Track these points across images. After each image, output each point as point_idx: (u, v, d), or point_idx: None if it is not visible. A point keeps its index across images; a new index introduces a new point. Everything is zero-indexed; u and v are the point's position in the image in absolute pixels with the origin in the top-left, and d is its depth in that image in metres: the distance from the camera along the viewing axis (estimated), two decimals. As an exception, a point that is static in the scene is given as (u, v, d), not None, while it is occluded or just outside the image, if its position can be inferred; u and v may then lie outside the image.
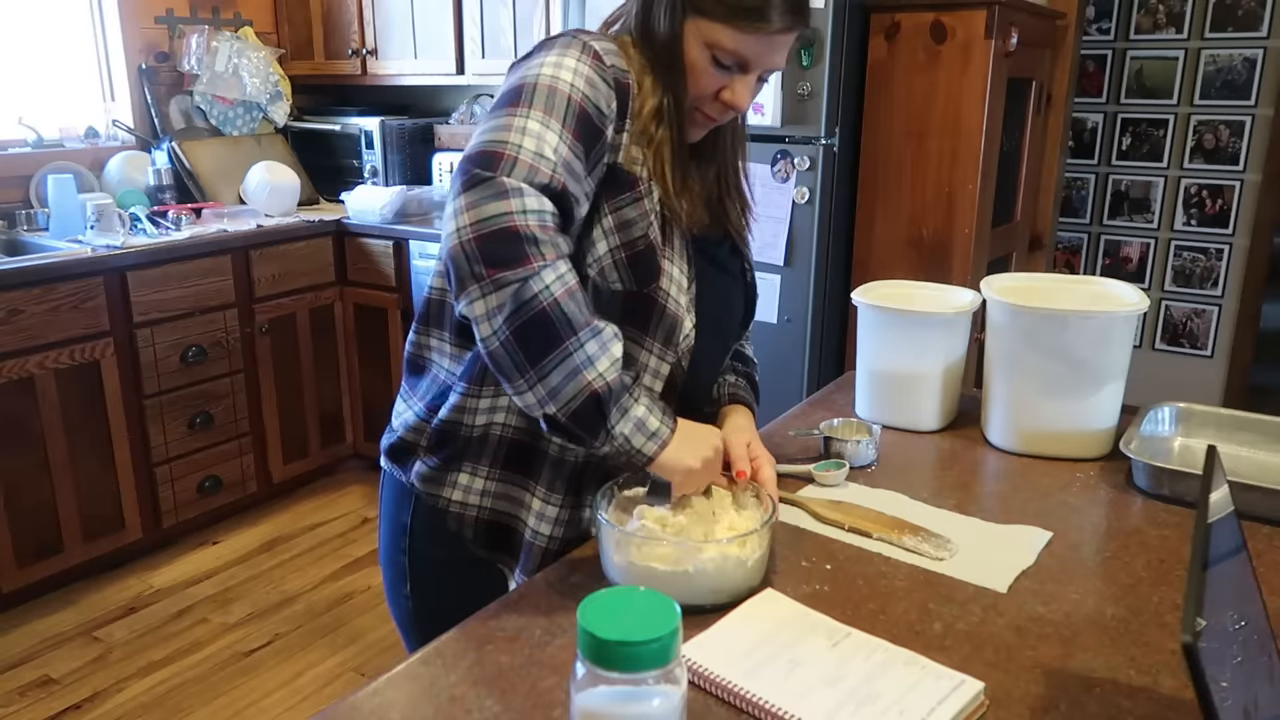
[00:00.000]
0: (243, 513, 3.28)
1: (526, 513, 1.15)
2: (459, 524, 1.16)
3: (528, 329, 0.93)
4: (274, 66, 3.70)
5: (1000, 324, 1.38)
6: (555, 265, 0.93)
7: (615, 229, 1.07)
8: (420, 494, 1.17)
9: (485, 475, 1.15)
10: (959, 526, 1.16)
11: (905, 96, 2.51)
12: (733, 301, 1.27)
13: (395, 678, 0.88)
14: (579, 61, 1.02)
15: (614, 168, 1.07)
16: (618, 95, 1.05)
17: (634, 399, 0.98)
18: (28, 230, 3.02)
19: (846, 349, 2.67)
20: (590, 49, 1.04)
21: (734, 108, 1.11)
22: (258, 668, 2.47)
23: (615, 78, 1.05)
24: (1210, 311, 3.69)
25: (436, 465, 1.15)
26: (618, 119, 1.05)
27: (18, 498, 2.61)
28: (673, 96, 1.09)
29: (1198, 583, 0.64)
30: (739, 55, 1.07)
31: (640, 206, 1.08)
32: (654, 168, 1.09)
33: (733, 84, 1.09)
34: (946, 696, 0.82)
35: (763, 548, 1.00)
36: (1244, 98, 3.47)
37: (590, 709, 0.63)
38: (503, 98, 1.00)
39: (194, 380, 3.00)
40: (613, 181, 1.07)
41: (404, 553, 1.20)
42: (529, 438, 1.13)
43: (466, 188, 0.93)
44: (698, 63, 1.08)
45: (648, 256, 1.08)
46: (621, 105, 1.05)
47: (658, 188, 1.09)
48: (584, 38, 1.05)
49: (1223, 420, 1.41)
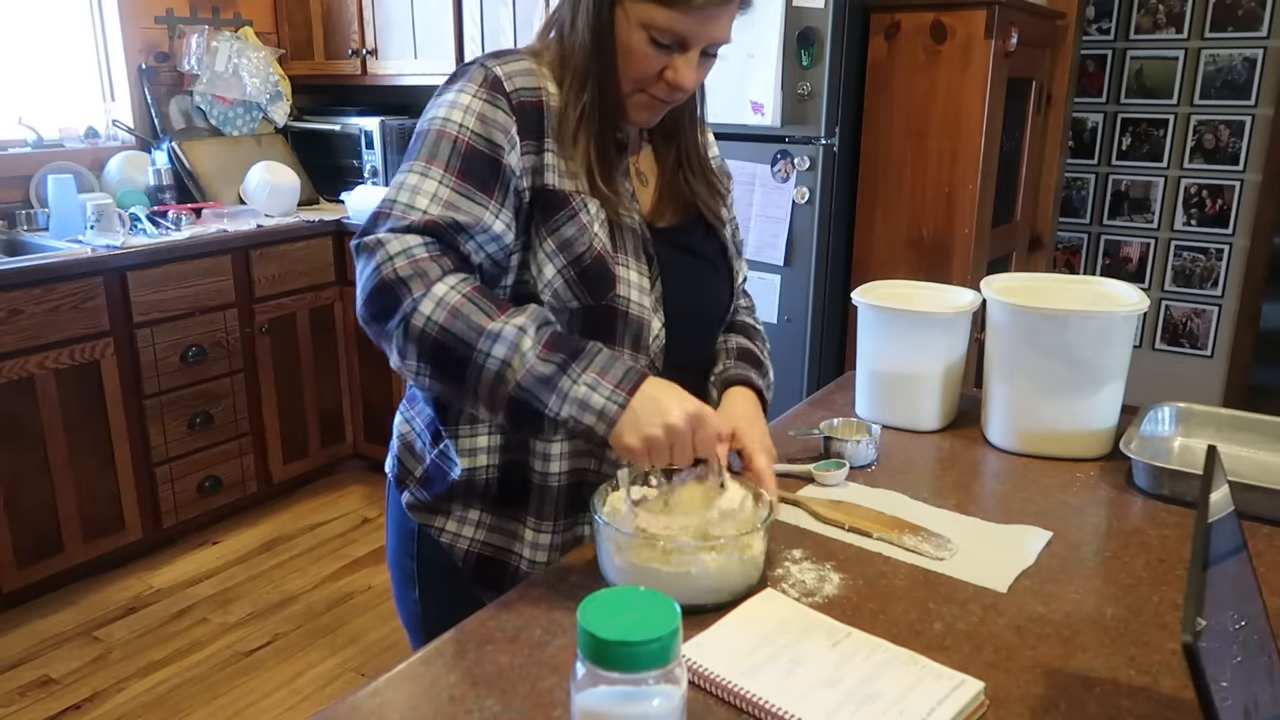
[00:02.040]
0: (243, 513, 3.28)
1: (520, 545, 1.16)
2: (451, 552, 1.17)
3: (436, 359, 0.97)
4: (274, 66, 3.70)
5: (1000, 324, 1.38)
6: (430, 293, 0.97)
7: (558, 250, 1.07)
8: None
9: (480, 509, 1.16)
10: (959, 526, 1.16)
11: (905, 96, 2.51)
12: (711, 287, 1.25)
13: (395, 678, 0.88)
14: (474, 97, 1.05)
15: (542, 190, 1.07)
16: (522, 118, 1.06)
17: (572, 380, 0.95)
18: (28, 230, 3.02)
19: (846, 349, 2.67)
20: (490, 78, 1.05)
21: (679, 87, 1.08)
22: (258, 668, 2.47)
23: (519, 101, 1.06)
24: (1210, 311, 3.70)
25: (428, 499, 1.17)
26: (532, 140, 1.06)
27: (18, 498, 2.61)
28: (598, 93, 1.08)
29: (1198, 583, 0.64)
30: (676, 33, 1.05)
31: (577, 222, 1.07)
32: (585, 176, 1.08)
33: (674, 63, 1.07)
34: (946, 696, 0.82)
35: (762, 546, 0.99)
36: (1244, 98, 3.47)
37: (590, 709, 0.63)
38: (409, 146, 1.07)
39: (194, 380, 3.00)
40: (543, 204, 1.07)
41: (412, 558, 1.21)
42: (513, 470, 1.13)
43: (356, 257, 1.01)
44: (635, 45, 1.06)
45: (598, 268, 1.08)
46: (534, 127, 1.06)
47: (595, 197, 1.08)
48: (490, 64, 1.07)
49: (1223, 420, 1.41)
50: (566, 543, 1.16)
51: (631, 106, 1.11)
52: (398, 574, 1.24)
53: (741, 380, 1.23)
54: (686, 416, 0.96)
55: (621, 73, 1.08)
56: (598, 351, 0.99)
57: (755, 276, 2.58)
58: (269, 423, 3.26)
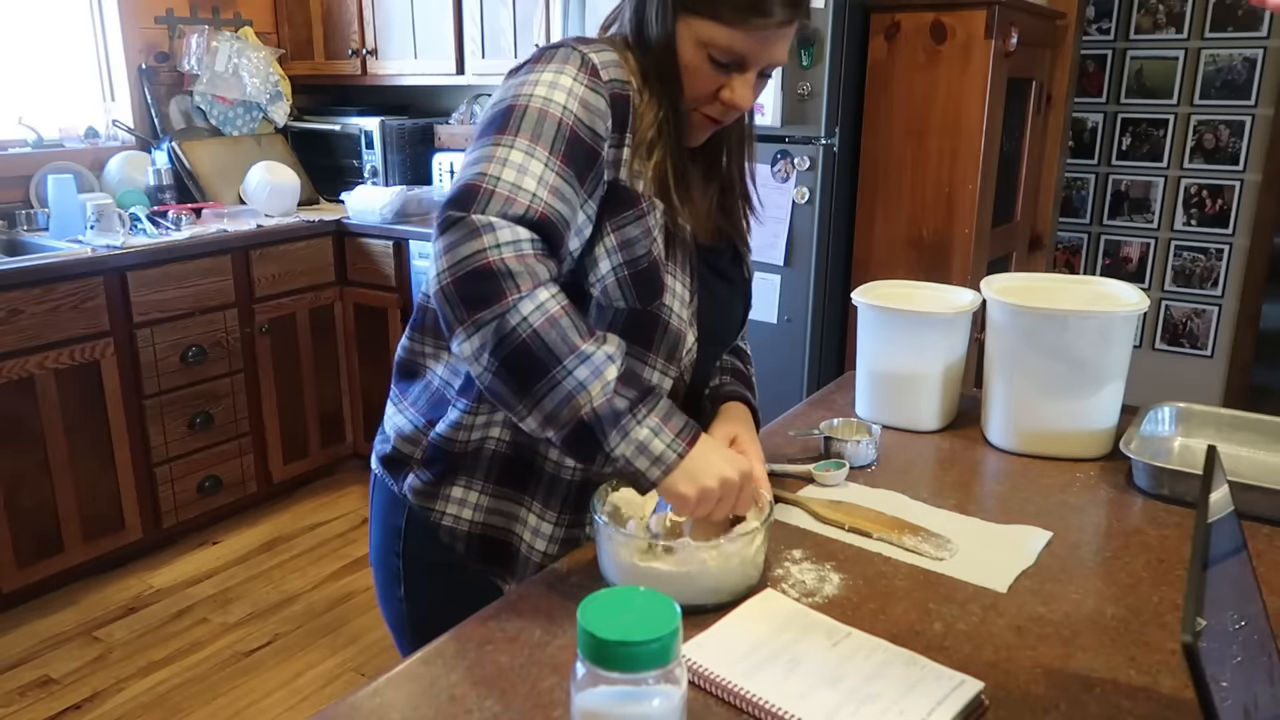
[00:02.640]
0: (243, 513, 3.28)
1: (522, 528, 1.15)
2: (451, 537, 1.16)
3: (512, 362, 0.93)
4: (274, 66, 3.70)
5: (1000, 324, 1.38)
6: (534, 295, 0.92)
7: (618, 247, 1.05)
8: (413, 506, 1.17)
9: (479, 490, 1.14)
10: (959, 526, 1.16)
11: (905, 96, 2.51)
12: (732, 310, 1.26)
13: (395, 678, 0.88)
14: (575, 80, 1.00)
15: (615, 185, 1.05)
16: (616, 110, 1.03)
17: (637, 421, 0.94)
18: (28, 230, 3.02)
19: (846, 349, 2.67)
20: (589, 63, 1.02)
21: (735, 107, 1.08)
22: (258, 668, 2.47)
23: (614, 92, 1.03)
24: (1210, 311, 3.70)
25: (430, 479, 1.15)
26: (616, 134, 1.04)
27: (18, 498, 2.61)
28: (669, 104, 1.07)
29: (1198, 583, 0.64)
30: (735, 53, 1.04)
31: (643, 224, 1.06)
32: (656, 181, 1.07)
33: (731, 83, 1.06)
34: (946, 696, 0.82)
35: (761, 546, 0.99)
36: (1244, 98, 3.47)
37: (590, 709, 0.63)
38: (492, 119, 1.00)
39: (194, 380, 3.00)
40: (614, 199, 1.05)
41: (397, 556, 1.20)
42: (525, 453, 1.12)
43: (442, 230, 0.94)
44: (693, 63, 1.05)
45: (651, 274, 1.06)
46: (620, 119, 1.04)
47: (661, 202, 1.07)
48: (583, 49, 1.03)
49: (1223, 420, 1.41)
50: (569, 539, 1.15)
51: (683, 128, 1.10)
52: (383, 573, 1.23)
53: (738, 397, 1.25)
54: (740, 473, 0.97)
55: (681, 91, 1.07)
56: (660, 397, 0.97)
57: (755, 276, 2.58)
58: (269, 423, 3.26)
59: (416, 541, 1.18)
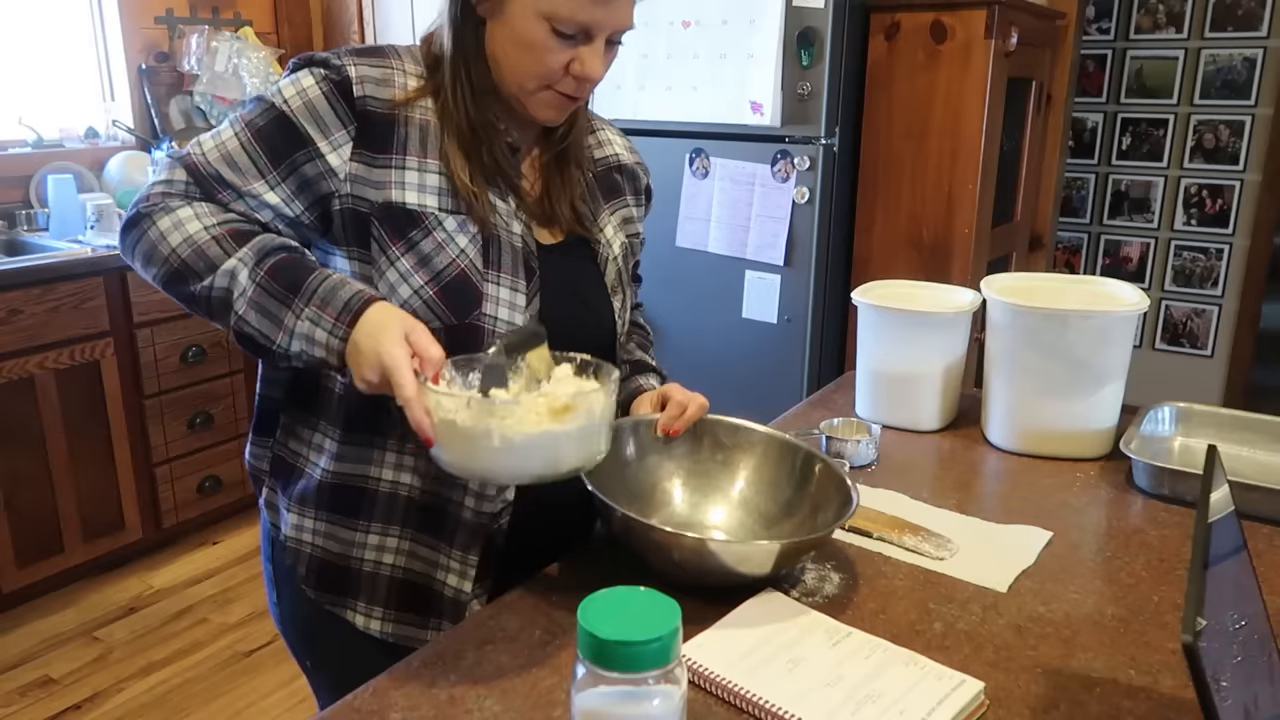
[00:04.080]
0: (243, 513, 3.28)
1: (361, 550, 1.11)
2: (294, 559, 1.13)
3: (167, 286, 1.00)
4: (274, 67, 3.70)
5: (1000, 324, 1.38)
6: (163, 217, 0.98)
7: (414, 269, 1.02)
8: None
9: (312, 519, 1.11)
10: (959, 526, 1.16)
11: (905, 96, 2.51)
12: (590, 304, 1.17)
13: (395, 677, 0.88)
14: (314, 83, 1.02)
15: (389, 207, 1.02)
16: (365, 127, 1.01)
17: (296, 315, 0.93)
18: (28, 230, 3.02)
19: (846, 349, 2.67)
20: (341, 77, 1.01)
21: (588, 79, 1.03)
22: (258, 668, 2.47)
23: (365, 110, 1.01)
24: (1210, 311, 3.70)
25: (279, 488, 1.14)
26: (366, 152, 1.02)
27: (18, 498, 2.61)
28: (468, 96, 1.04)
29: (1198, 582, 0.64)
30: (579, 22, 0.99)
31: (432, 239, 1.02)
32: (453, 193, 1.04)
33: (580, 54, 1.01)
34: (946, 696, 0.82)
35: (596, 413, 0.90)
36: (1244, 97, 3.47)
37: (590, 709, 0.63)
38: None
39: (194, 380, 2.99)
40: (393, 222, 1.02)
41: (270, 561, 1.18)
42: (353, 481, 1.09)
43: None
44: (537, 38, 1.00)
45: (460, 285, 1.03)
46: (379, 138, 1.02)
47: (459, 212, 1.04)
48: (348, 63, 1.02)
49: (1223, 420, 1.41)
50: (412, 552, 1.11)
51: (536, 105, 1.05)
52: (265, 577, 1.22)
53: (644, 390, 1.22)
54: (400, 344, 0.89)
55: (524, 70, 1.02)
56: (321, 281, 0.95)
57: (755, 276, 2.58)
58: (269, 423, 3.26)
59: (280, 548, 1.16)
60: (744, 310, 2.62)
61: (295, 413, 1.12)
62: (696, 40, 2.53)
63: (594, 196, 1.19)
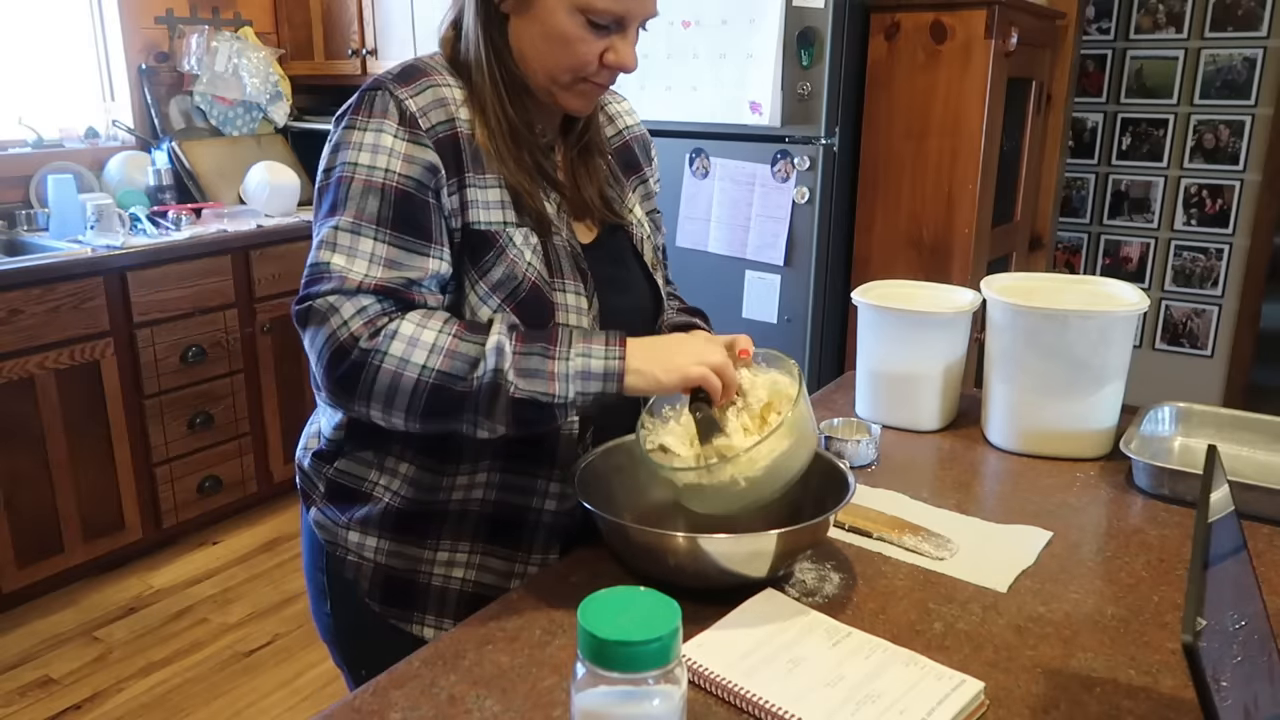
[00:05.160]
0: (243, 513, 3.28)
1: (429, 565, 1.11)
2: (356, 573, 1.13)
3: (425, 410, 0.94)
4: (274, 66, 3.70)
5: (1000, 324, 1.38)
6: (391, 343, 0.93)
7: (491, 291, 1.03)
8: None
9: (375, 539, 1.12)
10: (959, 526, 1.16)
11: (905, 96, 2.51)
12: (637, 296, 1.19)
13: (395, 678, 0.88)
14: (395, 138, 0.99)
15: (467, 230, 1.02)
16: (446, 155, 1.01)
17: (563, 359, 0.94)
18: (28, 230, 3.02)
19: (846, 349, 2.67)
20: (407, 114, 0.99)
21: (622, 68, 1.03)
22: (258, 668, 2.47)
23: (439, 138, 1.00)
24: (1210, 311, 3.70)
25: (333, 518, 1.14)
26: (453, 178, 1.01)
27: (18, 498, 2.61)
28: (505, 101, 1.03)
29: (1198, 582, 0.64)
30: (614, 12, 1.00)
31: (505, 259, 1.03)
32: (513, 205, 1.04)
33: (614, 44, 1.02)
34: (946, 696, 0.82)
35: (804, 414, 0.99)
36: (1244, 97, 3.47)
37: (590, 709, 0.63)
38: (324, 194, 1.00)
39: (194, 380, 2.99)
40: (471, 245, 1.03)
41: (323, 571, 1.18)
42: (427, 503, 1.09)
43: (302, 326, 0.97)
44: (572, 32, 1.00)
45: (534, 299, 1.04)
46: (454, 163, 1.01)
47: (520, 226, 1.04)
48: (401, 94, 1.00)
49: (1223, 420, 1.41)
50: (484, 566, 1.12)
51: (569, 97, 1.05)
52: (311, 587, 1.21)
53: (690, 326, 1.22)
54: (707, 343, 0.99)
55: (558, 64, 1.02)
56: (570, 331, 0.98)
57: (755, 276, 2.58)
58: (269, 423, 3.26)
59: (338, 560, 1.15)
60: (744, 310, 2.62)
61: (364, 439, 1.10)
62: (696, 40, 2.53)
63: (617, 179, 1.20)
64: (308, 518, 1.18)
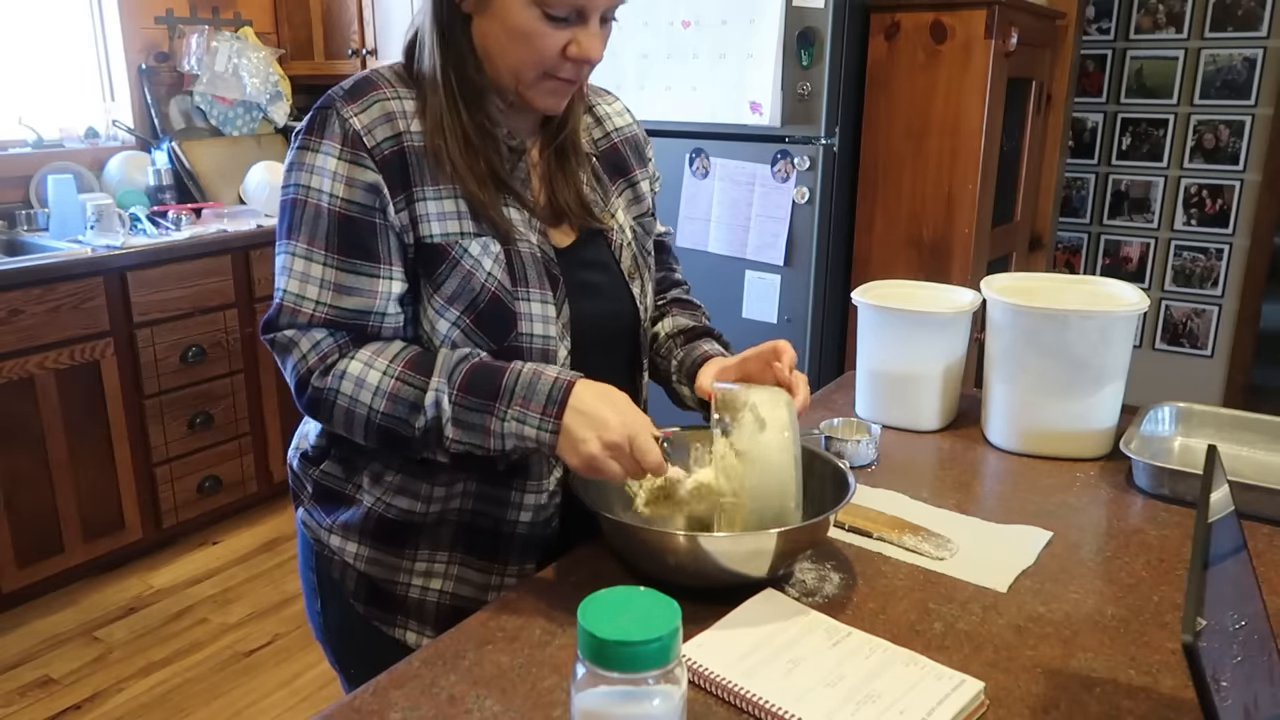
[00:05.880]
0: (243, 513, 3.28)
1: (409, 576, 1.11)
2: (342, 573, 1.14)
3: (380, 442, 1.01)
4: (274, 66, 3.70)
5: (1000, 324, 1.38)
6: (340, 382, 0.99)
7: (447, 303, 1.02)
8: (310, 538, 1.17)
9: (356, 544, 1.12)
10: (959, 526, 1.16)
11: (905, 96, 2.51)
12: (612, 302, 1.15)
13: (395, 678, 0.88)
14: (337, 159, 0.99)
15: (420, 245, 1.01)
16: (389, 173, 1.00)
17: (500, 419, 0.96)
18: (28, 230, 3.02)
19: (846, 349, 2.67)
20: (349, 133, 0.99)
21: (586, 61, 1.01)
22: (258, 668, 2.47)
23: (382, 156, 0.99)
24: (1210, 311, 3.70)
25: (319, 519, 1.15)
26: (397, 195, 1.00)
27: (18, 498, 2.61)
28: (461, 106, 1.02)
29: (1198, 582, 0.64)
30: (569, 3, 0.97)
31: (460, 270, 1.02)
32: (470, 216, 1.02)
33: (576, 36, 0.99)
34: (946, 696, 0.82)
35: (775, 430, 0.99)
36: (1244, 97, 3.47)
37: (590, 709, 0.63)
38: (281, 216, 1.04)
39: (194, 380, 3.00)
40: (425, 259, 1.02)
41: (313, 570, 1.18)
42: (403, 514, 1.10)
43: (273, 350, 1.04)
44: (530, 26, 0.98)
45: (494, 310, 1.03)
46: (399, 180, 1.00)
47: (478, 236, 1.02)
48: (346, 112, 1.00)
49: (1223, 420, 1.41)
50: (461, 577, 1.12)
51: (537, 95, 1.03)
52: (305, 586, 1.21)
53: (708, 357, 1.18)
54: (623, 427, 0.94)
55: (521, 60, 1.00)
56: (515, 379, 0.97)
57: (755, 276, 2.58)
58: (269, 423, 3.26)
59: (327, 560, 1.16)
60: (744, 310, 2.62)
61: (348, 445, 1.10)
62: (696, 40, 2.53)
63: (600, 182, 1.17)
64: (299, 516, 1.19)
